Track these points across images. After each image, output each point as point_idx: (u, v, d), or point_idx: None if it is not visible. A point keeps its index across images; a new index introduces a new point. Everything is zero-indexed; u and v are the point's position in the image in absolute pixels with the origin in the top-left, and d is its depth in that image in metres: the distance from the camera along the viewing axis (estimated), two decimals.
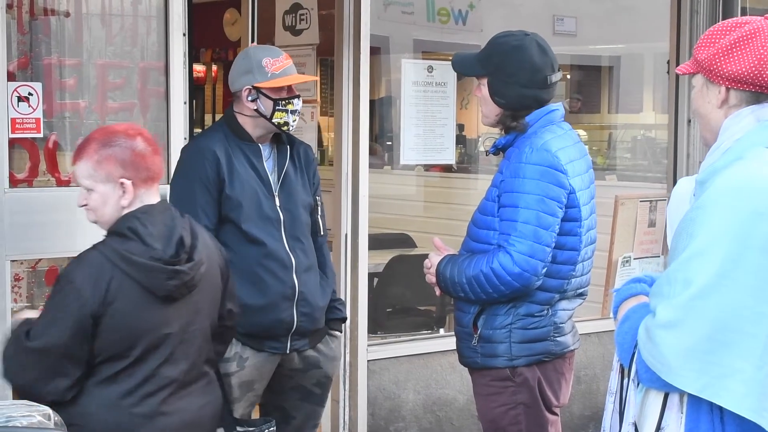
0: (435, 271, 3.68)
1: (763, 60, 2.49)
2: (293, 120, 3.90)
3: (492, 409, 3.67)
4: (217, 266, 3.31)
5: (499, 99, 3.62)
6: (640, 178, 7.67)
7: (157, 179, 3.16)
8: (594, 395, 6.31)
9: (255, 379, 3.92)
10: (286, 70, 3.89)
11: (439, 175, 7.57)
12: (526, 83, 3.58)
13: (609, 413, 2.65)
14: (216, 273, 3.31)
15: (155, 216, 3.10)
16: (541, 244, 3.47)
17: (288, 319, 3.89)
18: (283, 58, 3.92)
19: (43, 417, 2.85)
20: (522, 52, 3.59)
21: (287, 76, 3.88)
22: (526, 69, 3.58)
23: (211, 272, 3.26)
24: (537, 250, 3.46)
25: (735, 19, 2.61)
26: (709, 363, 2.31)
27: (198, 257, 3.15)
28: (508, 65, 3.59)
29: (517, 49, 3.59)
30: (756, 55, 2.49)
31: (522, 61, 3.58)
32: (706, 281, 2.32)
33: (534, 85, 3.59)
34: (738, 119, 2.52)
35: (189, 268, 3.11)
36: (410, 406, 5.65)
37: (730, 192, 2.37)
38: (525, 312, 3.57)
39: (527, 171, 3.49)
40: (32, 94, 4.20)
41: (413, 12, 6.72)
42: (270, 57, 3.88)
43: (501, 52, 3.61)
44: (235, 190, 3.83)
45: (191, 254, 3.13)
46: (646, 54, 7.90)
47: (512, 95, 3.59)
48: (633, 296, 2.63)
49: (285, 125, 3.89)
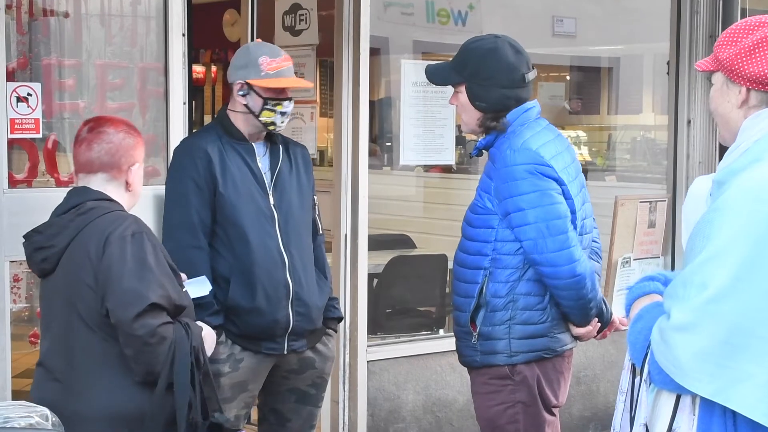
0: None
1: None
2: (281, 121, 3.89)
3: (490, 407, 3.67)
4: (86, 255, 3.20)
5: (480, 103, 3.64)
6: (639, 179, 7.67)
7: (78, 170, 3.39)
8: (594, 396, 6.30)
9: (249, 380, 3.91)
10: (282, 71, 3.88)
11: (439, 176, 7.56)
12: (505, 84, 3.61)
13: (620, 412, 2.64)
14: (80, 263, 3.21)
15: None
16: (561, 234, 3.51)
17: (284, 320, 3.87)
18: (282, 59, 3.90)
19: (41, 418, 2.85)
20: (497, 54, 3.61)
21: (281, 78, 3.87)
22: (504, 70, 3.61)
23: (72, 257, 3.24)
24: (559, 242, 3.50)
25: (758, 17, 2.59)
26: (723, 367, 2.30)
27: (49, 238, 3.27)
28: (486, 68, 3.61)
29: (492, 52, 3.62)
30: None
31: (498, 63, 3.61)
32: (722, 285, 2.31)
33: (513, 85, 3.62)
34: (758, 120, 2.52)
35: (34, 246, 3.31)
36: (410, 407, 5.64)
37: (748, 195, 2.36)
38: (523, 305, 3.58)
39: (515, 173, 3.53)
40: (31, 95, 4.20)
41: (413, 13, 6.73)
42: (268, 56, 3.87)
43: (476, 56, 3.63)
44: (228, 189, 3.83)
45: (46, 233, 3.29)
46: (645, 55, 7.89)
47: (493, 97, 3.62)
48: (646, 295, 2.63)
49: (272, 125, 3.88)
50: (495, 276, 3.59)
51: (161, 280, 3.17)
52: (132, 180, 3.38)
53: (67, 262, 3.24)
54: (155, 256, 3.20)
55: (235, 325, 3.82)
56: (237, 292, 3.82)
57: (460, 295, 3.69)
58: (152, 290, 3.12)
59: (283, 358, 3.96)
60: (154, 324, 3.10)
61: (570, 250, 3.52)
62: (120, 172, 3.36)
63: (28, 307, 5.51)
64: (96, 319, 3.17)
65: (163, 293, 3.15)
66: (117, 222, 3.22)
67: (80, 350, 3.20)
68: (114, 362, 3.17)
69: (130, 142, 3.38)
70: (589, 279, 3.59)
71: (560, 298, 3.59)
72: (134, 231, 3.20)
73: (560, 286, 3.55)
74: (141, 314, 3.08)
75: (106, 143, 3.34)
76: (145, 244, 3.19)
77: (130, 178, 3.38)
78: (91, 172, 3.35)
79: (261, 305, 3.83)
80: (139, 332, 3.09)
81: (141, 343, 3.10)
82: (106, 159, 3.34)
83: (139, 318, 3.08)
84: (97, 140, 3.35)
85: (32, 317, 5.36)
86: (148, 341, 3.10)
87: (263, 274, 3.83)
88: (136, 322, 3.08)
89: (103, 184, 3.34)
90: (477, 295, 3.61)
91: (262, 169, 3.92)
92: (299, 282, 3.90)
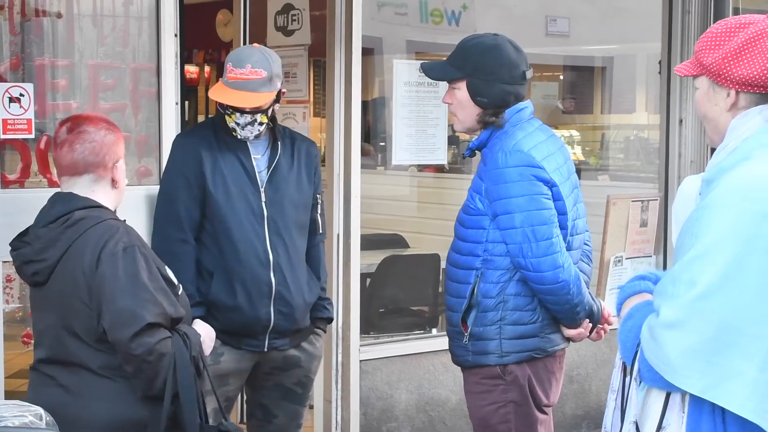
0: None
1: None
2: (242, 129, 3.85)
3: (482, 407, 3.68)
4: (80, 271, 3.15)
5: (481, 99, 3.65)
6: (632, 179, 7.67)
7: (62, 173, 3.31)
8: (587, 395, 6.32)
9: (229, 374, 3.92)
10: (238, 83, 3.81)
11: (432, 176, 7.57)
12: (507, 80, 3.63)
13: (611, 410, 2.64)
14: (74, 279, 3.15)
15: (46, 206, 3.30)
16: (545, 240, 3.51)
17: (264, 317, 3.88)
18: (242, 71, 3.81)
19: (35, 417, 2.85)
20: (499, 50, 3.64)
21: (229, 91, 3.81)
22: (506, 66, 3.63)
23: (66, 273, 3.17)
24: (543, 248, 3.51)
25: (736, 19, 2.58)
26: (712, 364, 2.31)
27: (39, 252, 3.20)
28: (488, 64, 3.62)
29: (495, 48, 3.64)
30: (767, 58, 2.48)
31: (501, 59, 3.63)
32: (711, 282, 2.32)
33: (514, 81, 3.64)
34: (746, 119, 2.52)
35: (23, 259, 3.24)
36: (403, 406, 5.65)
37: (736, 193, 2.37)
38: (513, 306, 3.60)
39: (507, 175, 3.53)
40: (24, 95, 4.20)
41: (407, 13, 6.73)
42: (232, 64, 3.84)
43: (478, 52, 3.65)
44: (218, 186, 3.85)
45: (35, 246, 3.21)
46: (638, 54, 7.90)
47: (495, 93, 3.63)
48: (637, 294, 2.63)
49: (234, 131, 3.88)
50: (486, 276, 3.60)
51: (155, 296, 3.11)
52: (117, 177, 3.32)
53: (60, 277, 3.17)
54: (148, 269, 3.14)
55: (216, 320, 3.84)
56: (219, 288, 3.84)
57: (452, 295, 3.70)
58: (147, 309, 3.07)
59: (265, 355, 3.97)
60: (152, 342, 3.06)
61: (554, 257, 3.53)
62: (106, 170, 3.28)
63: (21, 307, 5.51)
64: (94, 335, 3.12)
65: (159, 311, 3.10)
66: (108, 234, 3.15)
67: (79, 362, 3.15)
68: (115, 373, 3.14)
69: (111, 138, 3.31)
70: (574, 284, 3.59)
71: (546, 302, 3.61)
72: (126, 245, 3.14)
73: (544, 291, 3.56)
74: (138, 334, 3.04)
75: (89, 142, 3.26)
76: (137, 257, 3.13)
77: (116, 175, 3.31)
78: (77, 174, 3.27)
79: (241, 303, 3.85)
80: (137, 351, 3.05)
81: (140, 361, 3.07)
82: (91, 159, 3.25)
83: (135, 338, 3.04)
84: (79, 140, 3.26)
85: (25, 317, 5.36)
86: (147, 359, 3.07)
87: (245, 272, 3.84)
88: (133, 342, 3.04)
89: (90, 185, 3.27)
90: (468, 296, 3.62)
91: (258, 166, 3.92)
92: (283, 281, 3.90)
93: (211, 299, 3.86)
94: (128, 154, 4.61)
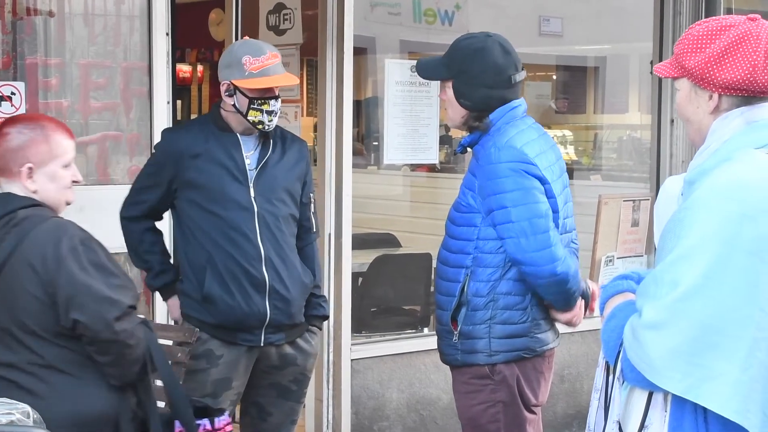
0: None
1: (757, 66, 2.47)
2: (269, 120, 3.89)
3: (471, 407, 3.69)
4: (32, 269, 3.08)
5: (464, 101, 3.65)
6: (625, 178, 7.69)
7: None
8: (577, 394, 6.32)
9: (232, 376, 3.93)
10: (266, 70, 3.86)
11: (425, 175, 7.58)
12: (491, 84, 3.62)
13: (594, 410, 2.64)
14: (25, 276, 3.10)
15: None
16: (543, 233, 3.51)
17: (260, 311, 3.89)
18: (265, 57, 3.87)
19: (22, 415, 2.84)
20: (485, 54, 3.62)
21: (265, 77, 3.86)
22: (490, 70, 3.61)
23: (15, 273, 3.11)
24: (541, 241, 3.51)
25: (716, 20, 2.57)
26: (694, 365, 2.31)
27: None
28: (472, 67, 3.62)
29: (480, 51, 3.62)
30: (750, 62, 2.47)
31: (485, 63, 3.61)
32: (693, 283, 2.32)
33: (499, 86, 3.62)
34: (727, 121, 2.52)
35: None
36: (394, 405, 5.66)
37: (718, 194, 2.37)
38: (504, 305, 3.60)
39: (499, 171, 3.53)
40: (15, 94, 4.21)
41: (400, 13, 6.73)
42: (251, 55, 3.87)
43: (464, 54, 3.64)
44: (207, 181, 3.87)
45: None
46: (631, 54, 7.91)
47: (478, 97, 3.63)
48: (619, 293, 2.63)
49: (260, 124, 3.89)
50: (476, 275, 3.61)
51: (123, 280, 3.17)
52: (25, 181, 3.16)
53: (8, 276, 3.12)
54: (107, 256, 3.17)
55: (211, 316, 3.84)
56: (212, 283, 3.85)
57: (442, 293, 3.70)
58: (123, 294, 3.11)
59: (263, 353, 3.98)
60: (131, 326, 3.11)
61: (551, 249, 3.53)
62: (12, 175, 3.16)
63: None
64: (52, 329, 3.10)
65: (132, 294, 3.16)
66: (60, 231, 3.12)
67: (38, 361, 3.12)
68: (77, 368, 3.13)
69: (21, 140, 3.16)
70: (572, 277, 3.61)
71: (543, 294, 3.61)
72: (81, 238, 3.12)
73: (542, 284, 3.57)
74: (119, 318, 3.07)
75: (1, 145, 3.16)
76: (96, 248, 3.14)
77: (23, 179, 3.16)
78: (2, 176, 3.18)
79: (236, 297, 3.86)
80: (121, 336, 3.07)
81: (122, 346, 3.09)
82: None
83: (118, 322, 3.07)
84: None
85: None
86: (129, 343, 3.09)
87: (238, 266, 3.86)
88: (117, 326, 3.06)
89: (10, 186, 3.18)
90: (458, 294, 3.62)
91: (249, 162, 3.93)
92: (277, 276, 3.91)
93: (206, 294, 3.88)
94: (119, 153, 4.63)
